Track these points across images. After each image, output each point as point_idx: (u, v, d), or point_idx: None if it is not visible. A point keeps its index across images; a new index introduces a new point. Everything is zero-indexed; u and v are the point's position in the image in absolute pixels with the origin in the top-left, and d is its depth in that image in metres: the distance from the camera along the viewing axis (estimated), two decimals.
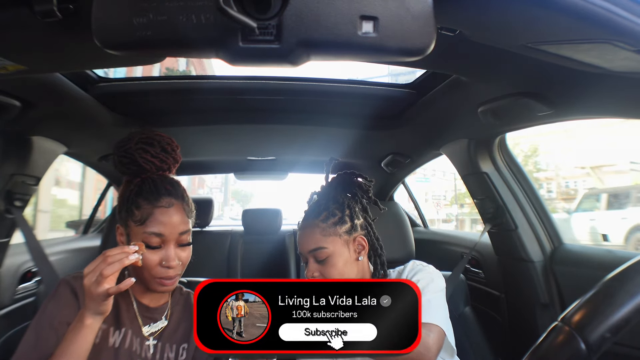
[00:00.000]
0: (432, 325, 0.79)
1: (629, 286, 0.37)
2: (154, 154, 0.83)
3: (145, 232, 0.77)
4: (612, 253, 1.16)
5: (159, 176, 0.84)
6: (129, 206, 0.79)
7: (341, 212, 0.90)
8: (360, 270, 0.91)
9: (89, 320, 0.69)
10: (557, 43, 0.60)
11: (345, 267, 0.87)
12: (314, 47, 0.48)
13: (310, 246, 0.88)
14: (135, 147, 0.82)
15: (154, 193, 0.80)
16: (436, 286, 0.87)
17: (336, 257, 0.87)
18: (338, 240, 0.88)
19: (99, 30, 0.48)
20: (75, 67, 0.97)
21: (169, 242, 0.79)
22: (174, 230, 0.79)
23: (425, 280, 0.87)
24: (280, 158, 2.05)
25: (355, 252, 0.90)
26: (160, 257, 0.78)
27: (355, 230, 0.90)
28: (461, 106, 1.13)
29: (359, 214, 0.93)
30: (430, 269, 0.91)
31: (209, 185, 23.59)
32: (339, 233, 0.88)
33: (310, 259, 0.89)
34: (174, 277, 0.81)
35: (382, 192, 2.22)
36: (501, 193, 1.33)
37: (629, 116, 0.89)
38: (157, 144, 0.84)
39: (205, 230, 2.25)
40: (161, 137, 0.86)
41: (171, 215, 0.79)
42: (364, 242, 0.91)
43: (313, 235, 0.88)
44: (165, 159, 0.85)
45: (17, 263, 1.29)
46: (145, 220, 0.77)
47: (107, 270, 0.66)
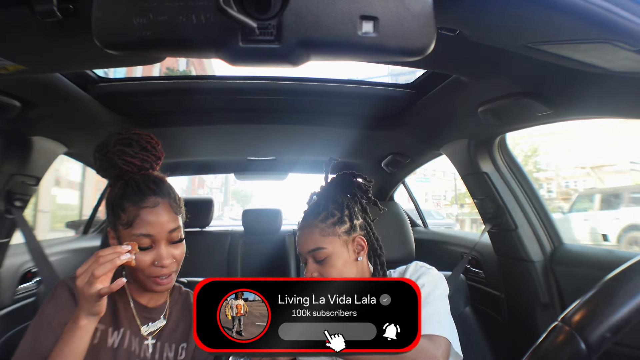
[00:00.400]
0: (440, 338, 0.78)
1: (629, 286, 0.37)
2: (133, 154, 0.81)
3: (134, 235, 0.76)
4: (612, 253, 1.16)
5: (142, 176, 0.82)
6: (115, 210, 0.78)
7: (340, 212, 0.90)
8: (359, 271, 0.90)
9: (84, 321, 0.69)
10: (557, 43, 0.60)
11: (344, 267, 0.87)
12: (314, 47, 0.48)
13: (309, 246, 0.88)
14: (113, 149, 0.80)
15: (138, 194, 0.78)
16: (441, 292, 0.86)
17: (335, 257, 0.87)
18: (337, 241, 0.87)
19: (99, 30, 0.48)
20: (75, 67, 0.97)
21: (159, 242, 0.78)
22: (163, 229, 0.78)
23: (430, 285, 0.85)
24: (280, 158, 2.05)
25: (355, 252, 0.90)
26: (153, 258, 0.77)
27: (354, 230, 0.90)
28: (461, 106, 1.13)
29: (358, 214, 0.93)
30: (434, 272, 0.90)
31: (209, 185, 23.59)
32: (338, 233, 0.88)
33: (309, 259, 0.89)
34: (169, 276, 0.80)
35: (382, 192, 2.22)
36: (501, 193, 1.33)
37: (629, 116, 0.89)
38: (136, 143, 0.82)
39: (206, 231, 2.25)
40: (139, 135, 0.83)
41: (158, 214, 0.78)
42: (363, 243, 0.91)
43: (312, 235, 0.88)
44: (145, 158, 0.82)
45: (17, 263, 1.29)
46: (132, 222, 0.76)
47: (98, 270, 0.66)
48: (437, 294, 0.84)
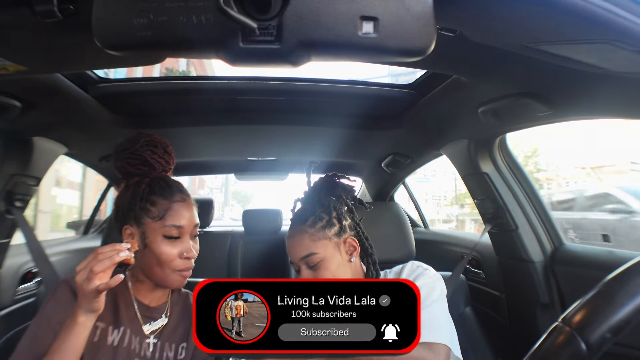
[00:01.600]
0: (439, 346, 0.76)
1: (629, 287, 0.37)
2: (160, 155, 0.89)
3: (166, 226, 0.81)
4: (612, 253, 1.16)
5: (165, 176, 0.89)
6: (143, 204, 0.83)
7: (328, 214, 0.88)
8: (353, 272, 0.89)
9: (82, 317, 0.70)
10: (557, 43, 0.60)
11: (338, 270, 0.86)
12: (314, 48, 0.48)
13: (301, 253, 0.86)
14: (142, 148, 0.86)
15: (168, 189, 0.85)
16: (439, 294, 0.84)
17: (328, 261, 0.85)
18: (328, 244, 0.86)
19: (99, 30, 0.48)
20: (75, 68, 0.97)
21: (185, 234, 0.84)
22: (191, 222, 0.85)
23: (428, 287, 0.84)
24: (280, 158, 2.05)
25: (347, 253, 0.88)
26: (180, 250, 0.82)
27: (344, 231, 0.89)
28: (461, 106, 1.13)
29: (346, 215, 0.91)
30: (431, 272, 0.89)
31: (209, 185, 23.59)
32: (329, 236, 0.86)
33: (302, 266, 0.87)
34: (190, 269, 0.85)
35: (383, 192, 2.21)
36: (501, 193, 1.33)
37: (629, 116, 0.89)
38: (160, 145, 0.89)
39: (206, 231, 2.25)
40: (160, 139, 0.91)
41: (187, 208, 0.85)
42: (355, 243, 0.90)
43: (302, 241, 0.86)
44: (168, 160, 0.90)
45: (18, 263, 1.29)
46: (164, 214, 0.82)
47: (97, 266, 0.67)
48: (435, 297, 0.83)
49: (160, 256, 0.81)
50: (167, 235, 0.81)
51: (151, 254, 0.81)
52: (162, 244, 0.81)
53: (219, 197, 21.68)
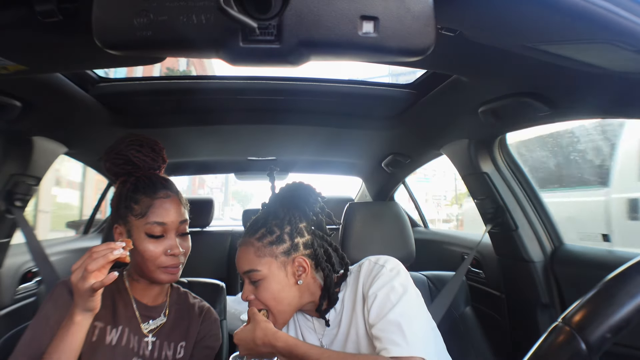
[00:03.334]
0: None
1: (629, 286, 0.37)
2: (145, 153, 0.89)
3: (148, 223, 0.81)
4: (612, 253, 1.16)
5: (151, 173, 0.88)
6: (127, 203, 0.83)
7: (280, 229, 0.80)
8: (303, 293, 0.82)
9: (79, 317, 0.70)
10: (557, 43, 0.60)
11: (281, 292, 0.78)
12: (315, 47, 0.48)
13: (243, 267, 0.80)
14: (126, 148, 0.87)
15: (151, 187, 0.84)
16: (400, 293, 0.72)
17: (269, 281, 0.78)
18: (273, 263, 0.79)
19: (99, 30, 0.48)
20: (75, 67, 0.98)
21: (170, 231, 0.83)
22: (175, 218, 0.84)
23: (384, 290, 0.73)
24: (280, 158, 2.05)
25: (294, 275, 0.80)
26: (164, 247, 0.82)
27: (295, 250, 0.80)
28: (461, 106, 1.13)
29: (303, 232, 0.82)
30: (388, 265, 0.78)
31: (210, 185, 23.56)
32: (275, 254, 0.79)
33: (245, 279, 0.81)
34: (177, 266, 0.84)
35: (382, 192, 2.21)
36: (501, 193, 1.33)
37: (629, 116, 0.89)
38: (146, 144, 0.90)
39: (206, 231, 2.25)
40: (147, 138, 0.91)
41: (170, 204, 0.84)
42: (305, 264, 0.80)
43: (247, 255, 0.80)
44: (155, 158, 0.90)
45: (18, 263, 1.29)
46: (146, 212, 0.82)
47: (92, 265, 0.68)
48: (395, 299, 0.72)
49: (144, 253, 0.81)
50: (149, 232, 0.81)
51: (136, 251, 0.81)
52: (146, 241, 0.81)
53: (219, 197, 21.67)
